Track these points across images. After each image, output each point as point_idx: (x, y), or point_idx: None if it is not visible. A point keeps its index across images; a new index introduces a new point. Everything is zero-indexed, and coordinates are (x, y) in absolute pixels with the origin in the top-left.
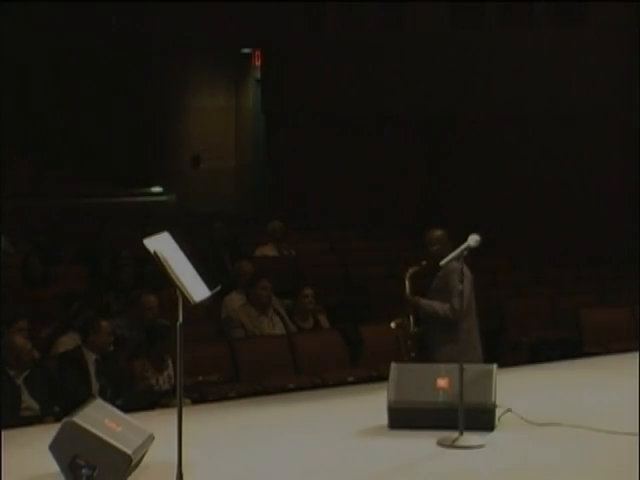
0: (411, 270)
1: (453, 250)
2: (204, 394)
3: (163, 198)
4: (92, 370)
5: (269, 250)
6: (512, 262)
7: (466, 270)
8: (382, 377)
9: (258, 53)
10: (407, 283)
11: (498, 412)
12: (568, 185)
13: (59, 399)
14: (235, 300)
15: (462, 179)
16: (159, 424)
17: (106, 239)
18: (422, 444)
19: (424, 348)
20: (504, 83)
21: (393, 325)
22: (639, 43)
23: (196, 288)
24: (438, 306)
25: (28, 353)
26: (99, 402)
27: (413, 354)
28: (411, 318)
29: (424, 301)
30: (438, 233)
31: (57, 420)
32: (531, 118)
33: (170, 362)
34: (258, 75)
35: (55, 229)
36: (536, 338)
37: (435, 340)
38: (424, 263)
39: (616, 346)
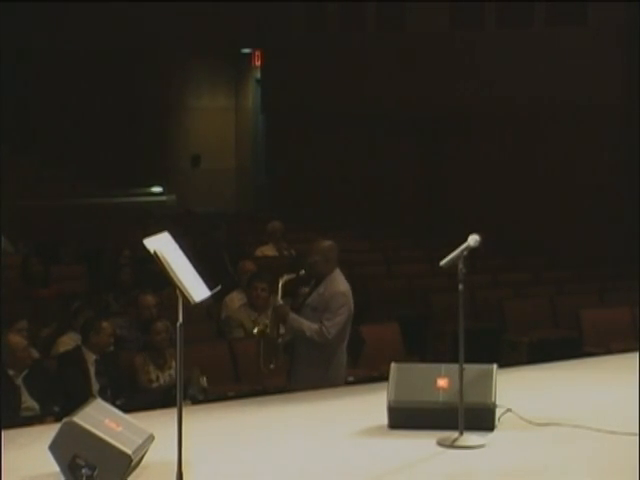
0: (286, 277)
1: (336, 266)
2: (204, 394)
3: (163, 198)
4: (92, 370)
5: (269, 250)
6: (512, 262)
7: (348, 292)
8: (382, 377)
9: (258, 53)
10: (280, 290)
11: (498, 412)
12: (568, 185)
13: (59, 399)
14: (235, 300)
15: (462, 179)
16: (159, 424)
17: (106, 239)
18: (422, 444)
19: (289, 362)
20: (504, 83)
21: (256, 330)
22: (639, 43)
23: (196, 288)
24: (306, 325)
25: (23, 351)
26: (99, 402)
27: (272, 365)
28: (278, 327)
29: (293, 315)
30: (324, 245)
31: (57, 420)
32: (531, 118)
33: (174, 363)
34: (258, 75)
35: (55, 229)
36: (536, 338)
37: (300, 358)
38: (302, 272)
39: (616, 346)
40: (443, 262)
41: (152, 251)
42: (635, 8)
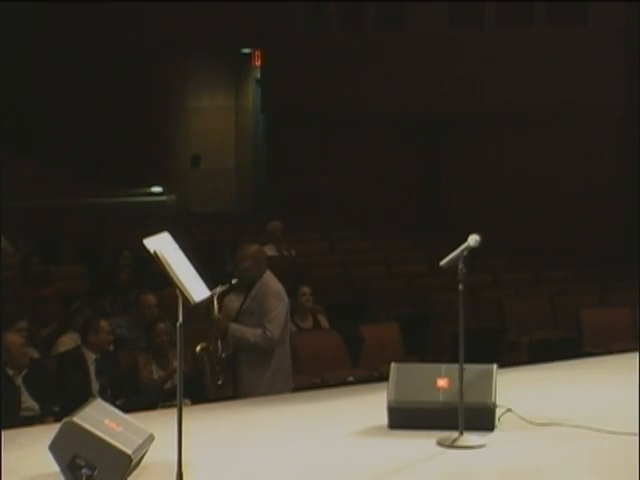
0: (219, 289)
1: (266, 268)
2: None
3: (163, 198)
4: (92, 370)
5: (269, 250)
6: (512, 262)
7: (281, 291)
8: (382, 377)
9: (258, 53)
10: (215, 303)
11: (498, 412)
12: (568, 185)
13: (59, 399)
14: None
15: (462, 179)
16: (159, 424)
17: (106, 239)
18: (422, 444)
19: (233, 374)
20: (504, 83)
21: (198, 349)
22: (639, 43)
23: (196, 288)
24: (249, 332)
25: (19, 349)
26: (99, 402)
27: (221, 382)
28: (219, 342)
29: (234, 325)
30: (252, 249)
31: (57, 420)
32: (531, 118)
33: (175, 364)
34: (258, 75)
35: (55, 229)
36: (536, 338)
37: (244, 368)
38: (234, 281)
39: (616, 346)
40: (443, 262)
41: (152, 251)
42: (635, 9)
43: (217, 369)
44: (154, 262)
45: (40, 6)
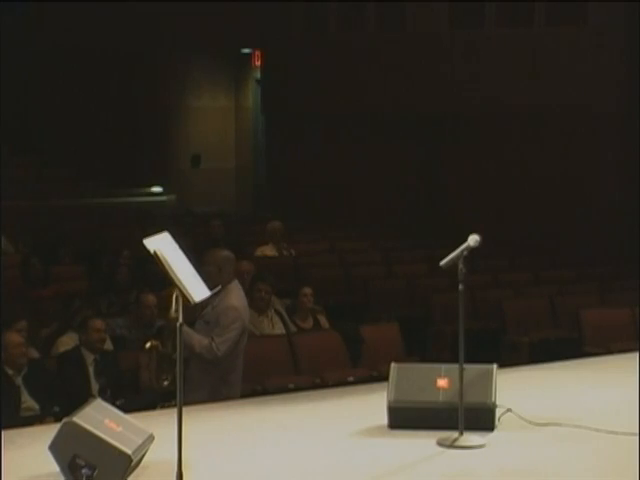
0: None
1: (233, 278)
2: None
3: (163, 198)
4: (91, 370)
5: (269, 250)
6: (512, 262)
7: (241, 307)
8: (382, 377)
9: (258, 53)
10: (174, 303)
11: (498, 412)
12: (568, 185)
13: (59, 399)
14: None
15: (462, 179)
16: (159, 424)
17: (106, 239)
18: (422, 444)
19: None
20: (504, 83)
21: (148, 345)
22: (639, 43)
23: (196, 288)
24: (197, 339)
25: (16, 347)
26: (99, 402)
27: (167, 382)
28: (171, 342)
29: (186, 329)
30: (218, 255)
31: (57, 420)
32: (531, 118)
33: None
34: (258, 75)
35: (55, 229)
36: (536, 338)
37: (193, 376)
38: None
39: (616, 346)
40: (443, 262)
41: (152, 251)
42: (635, 9)
43: (164, 368)
44: (154, 262)
45: (40, 6)
